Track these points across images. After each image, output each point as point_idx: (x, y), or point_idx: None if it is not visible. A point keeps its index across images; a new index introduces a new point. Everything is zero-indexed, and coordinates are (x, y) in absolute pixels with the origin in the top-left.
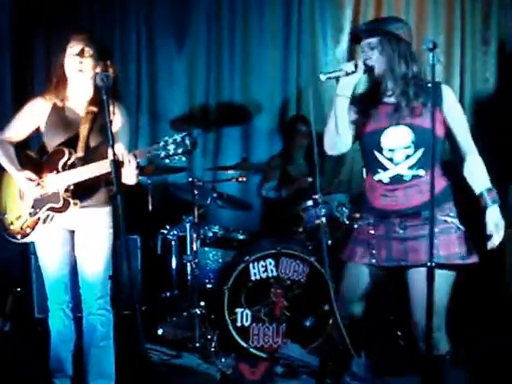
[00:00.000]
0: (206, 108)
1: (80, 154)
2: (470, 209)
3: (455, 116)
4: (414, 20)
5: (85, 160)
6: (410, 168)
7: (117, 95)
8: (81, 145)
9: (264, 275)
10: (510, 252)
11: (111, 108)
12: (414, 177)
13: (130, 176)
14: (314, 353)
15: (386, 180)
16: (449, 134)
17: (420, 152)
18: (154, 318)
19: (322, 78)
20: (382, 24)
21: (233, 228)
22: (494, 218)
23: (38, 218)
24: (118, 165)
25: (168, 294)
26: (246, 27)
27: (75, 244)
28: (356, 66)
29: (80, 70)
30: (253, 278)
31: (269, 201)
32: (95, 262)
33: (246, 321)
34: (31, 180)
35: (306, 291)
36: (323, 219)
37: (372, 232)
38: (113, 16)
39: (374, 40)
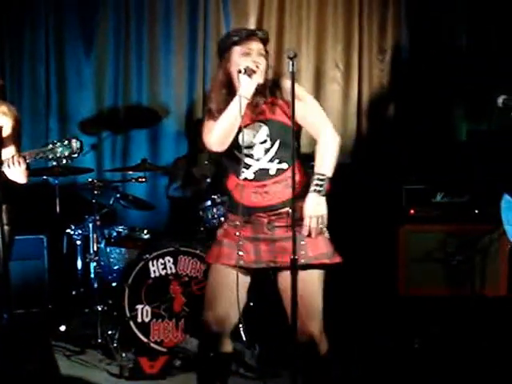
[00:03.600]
0: (114, 111)
1: None
2: None
3: (303, 104)
4: (315, 28)
5: None
6: (271, 161)
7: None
8: None
9: (163, 272)
10: (403, 249)
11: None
12: (279, 170)
13: (20, 175)
14: None
15: (251, 176)
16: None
17: (276, 145)
18: (61, 316)
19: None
20: (262, 33)
21: (138, 228)
22: (308, 205)
23: None
24: None
25: (74, 292)
26: (153, 33)
27: None
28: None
29: None
30: (152, 275)
31: (174, 201)
32: None
33: (147, 317)
34: None
35: (203, 287)
36: (222, 219)
37: (238, 234)
38: (22, 18)
39: (262, 47)
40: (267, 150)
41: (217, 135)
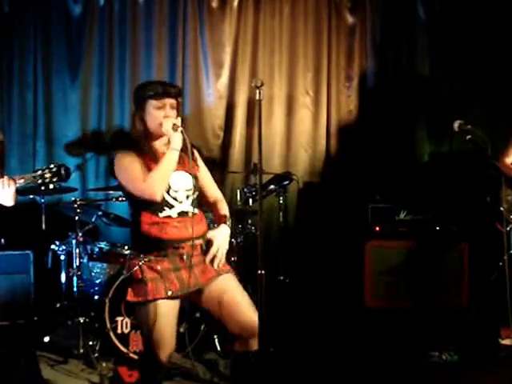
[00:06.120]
0: (98, 134)
1: None
2: None
3: (205, 171)
4: (286, 58)
5: None
6: (191, 206)
7: None
8: None
9: None
10: (369, 263)
11: None
12: (193, 214)
13: (8, 198)
14: (187, 356)
15: (174, 215)
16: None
17: (196, 194)
18: (45, 327)
19: None
20: (174, 90)
21: (119, 244)
22: (221, 236)
23: None
24: None
25: (58, 304)
26: (135, 61)
27: None
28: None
29: None
30: None
31: None
32: None
33: (126, 328)
34: None
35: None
36: None
37: (158, 267)
38: (11, 46)
39: (173, 102)
40: (188, 197)
41: (159, 185)
